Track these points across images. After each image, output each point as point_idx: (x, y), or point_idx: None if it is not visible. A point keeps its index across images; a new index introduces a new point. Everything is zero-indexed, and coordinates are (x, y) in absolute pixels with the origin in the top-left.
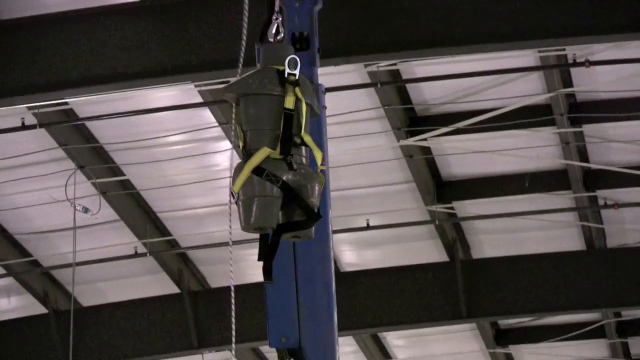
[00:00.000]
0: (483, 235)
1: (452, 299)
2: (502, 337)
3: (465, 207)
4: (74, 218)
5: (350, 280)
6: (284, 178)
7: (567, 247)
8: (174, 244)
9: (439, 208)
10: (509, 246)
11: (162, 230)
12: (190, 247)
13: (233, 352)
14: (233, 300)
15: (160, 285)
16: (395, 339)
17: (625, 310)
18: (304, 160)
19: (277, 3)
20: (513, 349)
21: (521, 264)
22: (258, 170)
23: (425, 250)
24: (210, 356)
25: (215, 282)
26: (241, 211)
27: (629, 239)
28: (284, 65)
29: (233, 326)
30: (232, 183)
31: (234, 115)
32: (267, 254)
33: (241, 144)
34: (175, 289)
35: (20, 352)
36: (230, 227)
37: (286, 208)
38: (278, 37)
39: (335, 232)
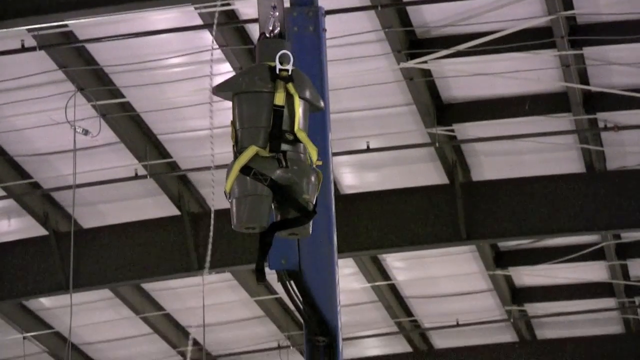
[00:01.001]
0: (483, 158)
1: (451, 221)
2: (501, 259)
3: (466, 130)
4: (74, 140)
5: (350, 203)
6: (273, 176)
7: (567, 170)
8: (174, 166)
9: (439, 130)
10: (508, 169)
11: (162, 152)
12: (190, 169)
13: (205, 273)
14: (212, 228)
15: (161, 207)
16: (394, 261)
17: (624, 233)
18: (301, 156)
19: None
20: (512, 271)
21: (521, 187)
22: (246, 170)
23: (425, 172)
24: (210, 277)
25: (216, 203)
26: (232, 210)
27: (629, 162)
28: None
29: (209, 252)
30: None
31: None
32: (259, 255)
33: (233, 143)
34: (175, 211)
35: (20, 274)
36: (212, 150)
37: (280, 206)
38: (274, 32)
39: (335, 154)
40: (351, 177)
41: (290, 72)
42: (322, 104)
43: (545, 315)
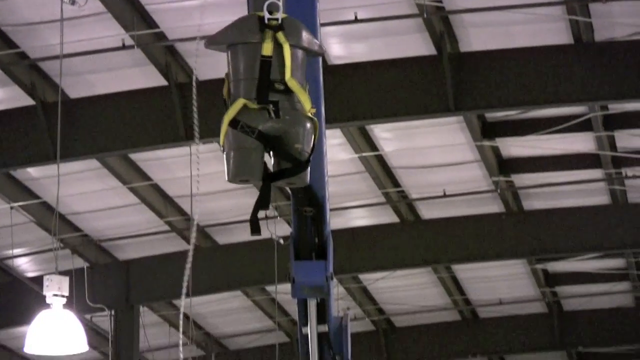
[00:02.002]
0: (471, 29)
1: (439, 92)
2: (489, 130)
3: (454, 0)
4: (61, 9)
5: (338, 73)
6: (261, 127)
7: (555, 41)
8: (161, 36)
9: (427, 1)
10: (497, 40)
11: (149, 22)
12: (177, 39)
13: (196, 143)
14: (194, 98)
15: (148, 77)
16: (382, 132)
17: (611, 104)
18: (297, 105)
19: None
20: (499, 142)
21: (509, 58)
22: (234, 123)
23: (413, 43)
24: (198, 148)
25: (203, 74)
26: (225, 163)
27: (617, 33)
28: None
29: (195, 122)
30: None
31: None
32: (255, 207)
33: (225, 96)
34: (163, 82)
35: (7, 144)
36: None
37: (276, 156)
38: None
39: (323, 25)
40: (339, 48)
41: (279, 21)
42: (321, 48)
43: (532, 186)
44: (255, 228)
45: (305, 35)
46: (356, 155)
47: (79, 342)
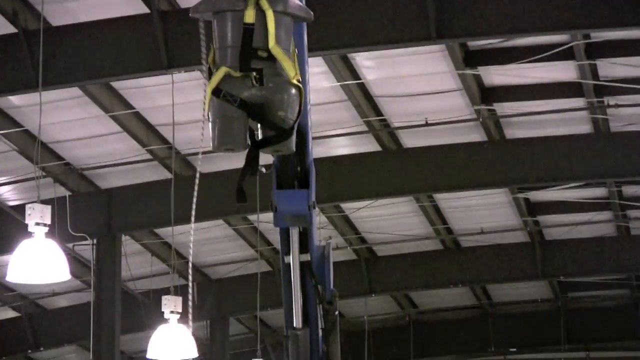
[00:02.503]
0: None
1: (422, 20)
2: (471, 59)
3: None
4: None
5: (320, 2)
6: (243, 96)
7: None
8: None
9: None
10: None
11: None
12: None
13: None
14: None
15: (130, 5)
16: (364, 60)
17: (594, 32)
18: (282, 72)
19: None
20: (482, 70)
21: None
22: (217, 91)
23: None
24: (180, 76)
25: (185, 2)
26: (210, 132)
27: None
28: None
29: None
30: None
31: None
32: (241, 174)
33: (210, 64)
34: (145, 9)
35: None
36: None
37: (260, 124)
38: None
39: None
40: None
41: None
42: (309, 13)
43: (514, 115)
44: (241, 196)
45: (290, 0)
46: (338, 83)
47: (61, 270)
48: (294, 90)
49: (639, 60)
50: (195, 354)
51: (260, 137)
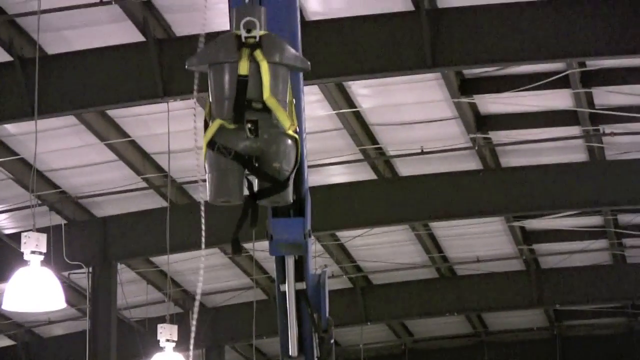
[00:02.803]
0: None
1: (417, 48)
2: (466, 87)
3: None
4: None
5: (316, 29)
6: (238, 148)
7: None
8: None
9: None
10: None
11: None
12: None
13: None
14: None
15: (126, 33)
16: (360, 88)
17: (589, 60)
18: (279, 124)
19: None
20: (477, 99)
21: (487, 14)
22: (212, 144)
23: None
24: (176, 104)
25: (181, 30)
26: (207, 185)
27: None
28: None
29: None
30: None
31: None
32: (237, 225)
33: (207, 117)
34: (140, 37)
35: None
36: None
37: (255, 176)
38: None
39: None
40: (316, 3)
41: (257, 39)
42: (305, 63)
43: (510, 143)
44: (236, 247)
45: (286, 51)
46: (334, 111)
47: (57, 299)
48: (289, 141)
49: (635, 89)
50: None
51: (256, 188)
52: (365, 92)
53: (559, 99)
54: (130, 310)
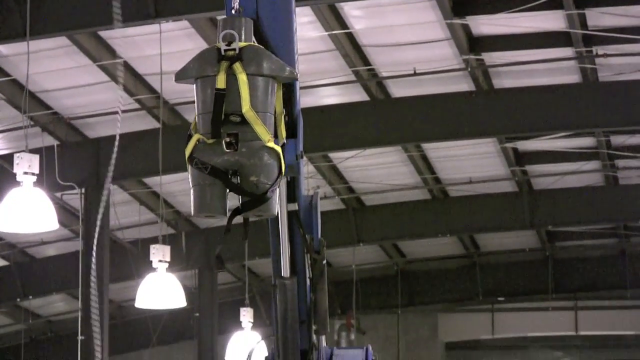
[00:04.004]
0: None
1: None
2: (459, 7)
3: None
4: None
5: None
6: (215, 162)
7: None
8: None
9: None
10: None
11: None
12: None
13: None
14: None
15: None
16: (352, 9)
17: None
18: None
19: None
20: (470, 20)
21: None
22: (191, 159)
23: None
24: (168, 26)
25: None
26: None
27: None
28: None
29: None
30: None
31: None
32: (219, 243)
33: (192, 131)
34: None
35: None
36: None
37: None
38: (238, 9)
39: None
40: None
41: (237, 51)
42: (292, 73)
43: (503, 65)
44: (219, 264)
45: (269, 62)
46: (326, 33)
47: (50, 220)
48: (267, 154)
49: (629, 10)
50: (184, 303)
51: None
52: (358, 13)
53: (552, 20)
54: (123, 231)
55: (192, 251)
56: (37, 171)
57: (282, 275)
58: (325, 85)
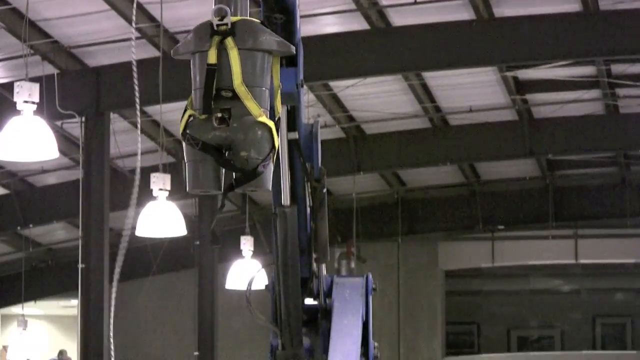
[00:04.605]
0: None
1: None
2: None
3: None
4: None
5: None
6: (207, 138)
7: None
8: None
9: None
10: None
11: None
12: None
13: None
14: None
15: None
16: None
17: None
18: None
19: None
20: None
21: None
22: (183, 135)
23: None
24: None
25: None
26: None
27: None
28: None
29: None
30: None
31: None
32: (213, 219)
33: (188, 106)
34: None
35: None
36: None
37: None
38: None
39: None
40: None
41: (229, 25)
42: (286, 47)
43: None
44: (215, 239)
45: (262, 35)
46: None
47: (50, 148)
48: (259, 129)
49: None
50: (184, 231)
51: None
52: None
53: None
54: (124, 159)
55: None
56: (37, 100)
57: (283, 203)
58: (325, 14)
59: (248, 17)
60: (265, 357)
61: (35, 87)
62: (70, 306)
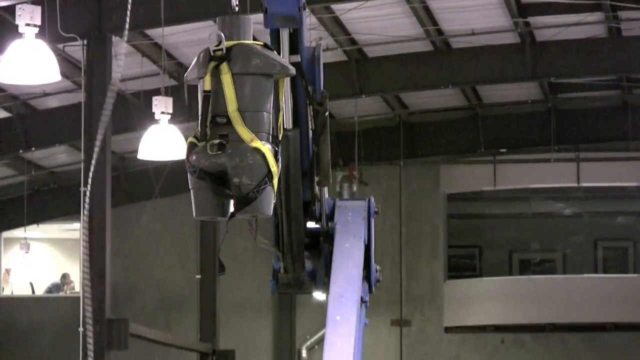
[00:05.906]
0: None
1: None
2: None
3: None
4: None
5: None
6: (203, 165)
7: None
8: None
9: None
10: None
11: None
12: None
13: None
14: None
15: None
16: None
17: None
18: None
19: None
20: None
21: None
22: (186, 162)
23: None
24: None
25: None
26: None
27: None
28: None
29: None
30: None
31: None
32: (217, 248)
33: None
34: None
35: None
36: None
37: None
38: (236, 9)
39: None
40: None
41: (224, 51)
42: (284, 68)
43: None
44: (221, 269)
45: (258, 59)
46: None
47: (52, 71)
48: (251, 154)
49: None
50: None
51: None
52: None
53: None
54: (126, 82)
55: (194, 102)
56: (39, 23)
57: (285, 127)
58: None
59: (246, 41)
60: (268, 280)
61: (37, 9)
62: (73, 229)
